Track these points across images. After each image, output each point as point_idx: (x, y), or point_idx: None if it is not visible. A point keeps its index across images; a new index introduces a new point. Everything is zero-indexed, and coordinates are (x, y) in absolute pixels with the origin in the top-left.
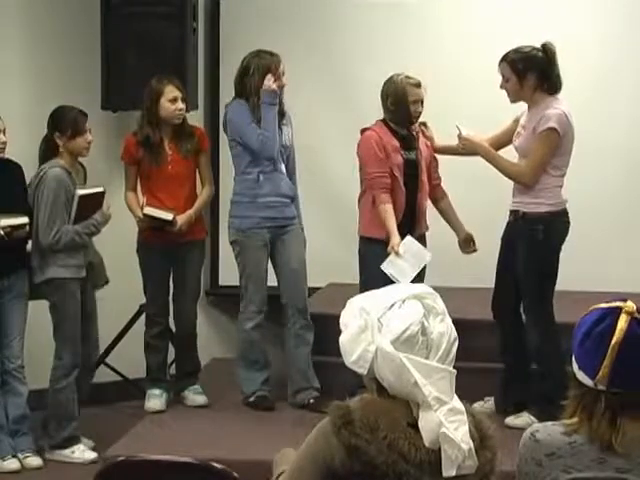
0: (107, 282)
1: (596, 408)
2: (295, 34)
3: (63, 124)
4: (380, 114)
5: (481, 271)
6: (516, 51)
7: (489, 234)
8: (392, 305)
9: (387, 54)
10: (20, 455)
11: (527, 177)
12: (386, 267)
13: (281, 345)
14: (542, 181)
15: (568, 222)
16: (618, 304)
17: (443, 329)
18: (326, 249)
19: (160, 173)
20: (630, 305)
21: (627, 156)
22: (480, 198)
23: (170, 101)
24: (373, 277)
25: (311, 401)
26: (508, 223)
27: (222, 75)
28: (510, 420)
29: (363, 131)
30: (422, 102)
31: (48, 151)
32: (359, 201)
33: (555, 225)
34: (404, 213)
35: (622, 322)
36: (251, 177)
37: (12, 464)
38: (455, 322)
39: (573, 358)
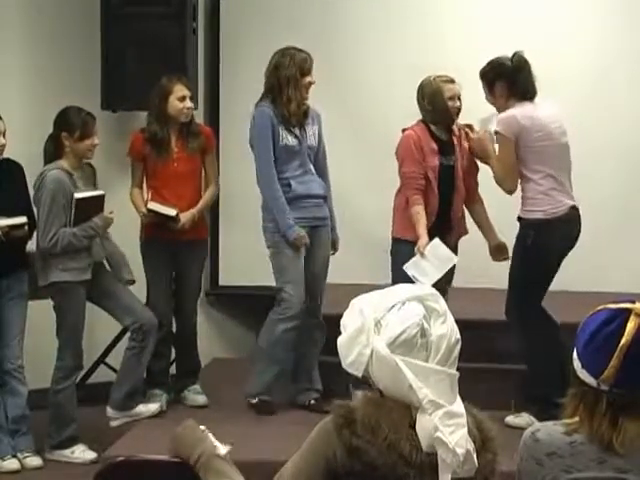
0: (129, 281)
1: (597, 408)
2: (295, 34)
3: (72, 125)
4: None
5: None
6: (487, 64)
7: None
8: (392, 307)
9: (387, 53)
10: (20, 455)
11: (503, 182)
12: (409, 268)
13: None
14: (528, 189)
15: (568, 230)
16: (627, 305)
17: (443, 331)
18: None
19: (165, 170)
20: (639, 307)
21: (626, 155)
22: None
23: (179, 99)
24: (401, 279)
25: (311, 402)
26: None
27: (222, 75)
28: (510, 419)
29: (404, 131)
30: (459, 97)
31: (54, 150)
32: (394, 200)
33: (547, 232)
34: (436, 217)
35: (631, 324)
36: (282, 182)
37: (12, 464)
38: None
39: (575, 357)
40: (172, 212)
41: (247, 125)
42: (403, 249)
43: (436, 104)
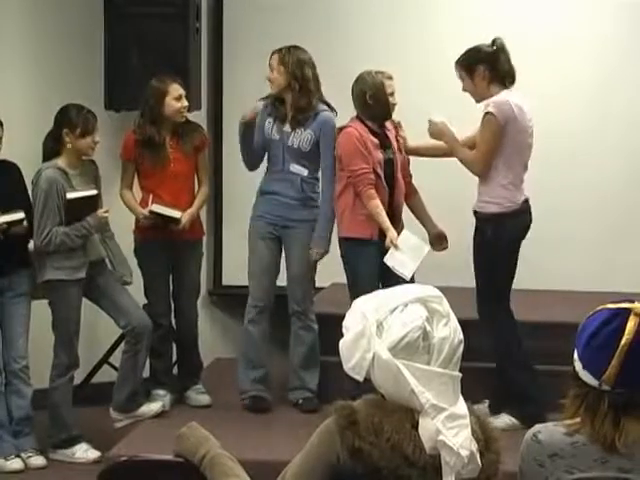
0: (126, 282)
1: (599, 408)
2: (298, 34)
3: (73, 122)
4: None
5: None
6: (465, 52)
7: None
8: (394, 309)
9: (389, 52)
10: (23, 455)
11: (475, 164)
12: (388, 260)
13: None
14: (492, 179)
15: (523, 222)
16: (626, 305)
17: (445, 333)
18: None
19: (162, 172)
20: (639, 306)
21: (628, 156)
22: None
23: (175, 99)
24: (363, 278)
25: (300, 401)
26: None
27: (225, 75)
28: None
29: (340, 129)
30: (394, 94)
31: (53, 147)
32: (337, 201)
33: (504, 225)
34: (385, 211)
35: (631, 323)
36: (265, 175)
37: (15, 464)
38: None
39: (576, 358)
40: (177, 214)
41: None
42: (360, 248)
43: (379, 100)
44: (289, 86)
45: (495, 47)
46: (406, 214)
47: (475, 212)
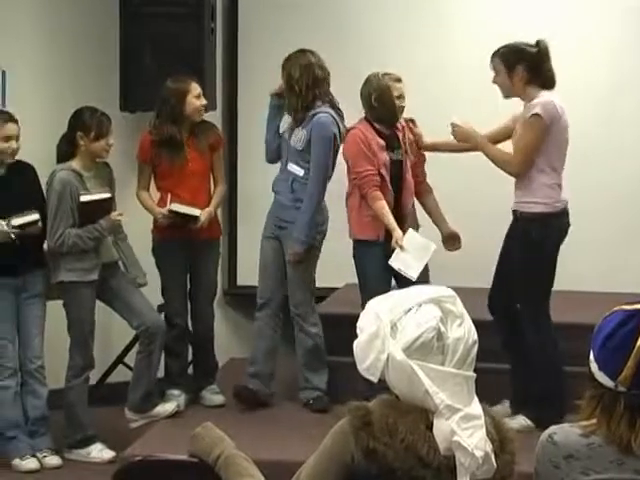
0: (140, 284)
1: (615, 409)
2: (313, 32)
3: (87, 125)
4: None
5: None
6: (506, 46)
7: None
8: (409, 309)
9: (403, 52)
10: (39, 454)
11: (513, 165)
12: (393, 262)
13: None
14: (536, 180)
15: (567, 223)
16: None
17: (460, 334)
18: (343, 249)
19: (180, 171)
20: None
21: None
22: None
23: (196, 97)
24: (371, 280)
25: (310, 401)
26: (511, 222)
27: (240, 75)
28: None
29: (348, 131)
30: (404, 97)
31: (68, 150)
32: (346, 203)
33: (550, 226)
34: (391, 212)
35: None
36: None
37: (31, 463)
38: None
39: (592, 359)
40: (196, 212)
41: (264, 125)
42: (368, 249)
43: (384, 102)
44: (286, 86)
45: (539, 49)
46: (421, 214)
47: (517, 212)
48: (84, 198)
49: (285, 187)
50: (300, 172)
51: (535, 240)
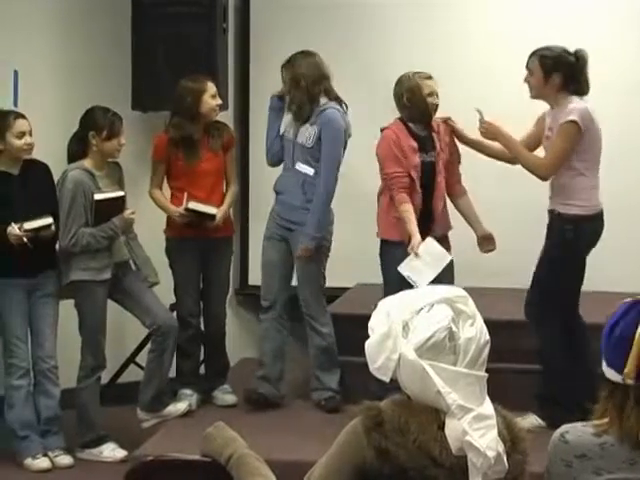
0: (153, 283)
1: (626, 404)
2: (325, 32)
3: (99, 125)
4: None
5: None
6: (548, 48)
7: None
8: (420, 309)
9: (415, 51)
10: (51, 454)
11: (543, 169)
12: (403, 269)
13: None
14: (576, 182)
15: (601, 226)
16: None
17: (472, 334)
18: (354, 249)
19: (194, 170)
20: None
21: None
22: (512, 198)
23: (212, 96)
24: (393, 280)
25: (322, 402)
26: (547, 223)
27: (252, 75)
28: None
29: (382, 130)
30: (437, 94)
31: (79, 149)
32: (378, 201)
33: (584, 228)
34: (420, 214)
35: None
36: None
37: (43, 463)
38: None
39: (603, 357)
40: (213, 210)
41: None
42: (392, 250)
43: (415, 101)
44: (291, 83)
45: (577, 59)
46: (455, 215)
47: (554, 212)
48: (98, 196)
49: (294, 188)
50: (311, 172)
51: (568, 240)
